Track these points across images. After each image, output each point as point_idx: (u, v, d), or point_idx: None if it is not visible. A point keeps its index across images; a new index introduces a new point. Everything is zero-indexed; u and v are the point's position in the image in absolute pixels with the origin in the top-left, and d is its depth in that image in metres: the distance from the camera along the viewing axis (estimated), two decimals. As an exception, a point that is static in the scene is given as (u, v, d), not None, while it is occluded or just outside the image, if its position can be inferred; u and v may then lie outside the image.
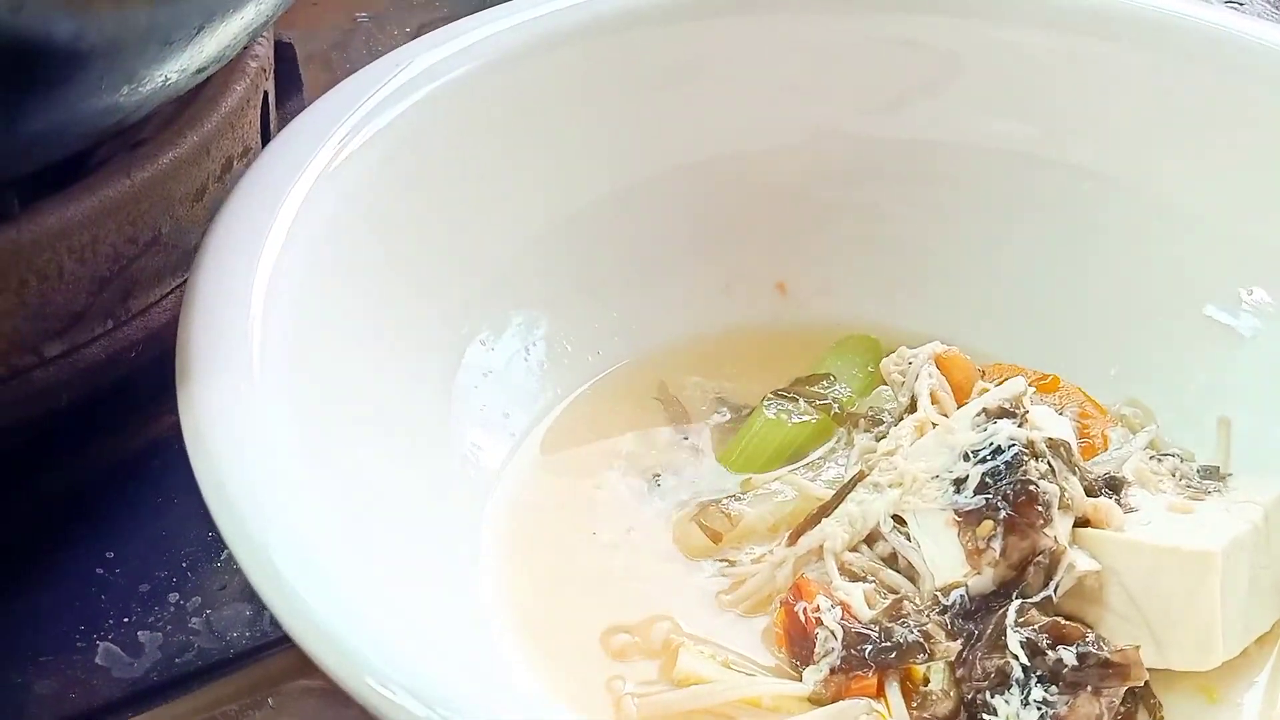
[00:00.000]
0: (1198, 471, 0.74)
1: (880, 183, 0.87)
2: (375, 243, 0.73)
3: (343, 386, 0.67)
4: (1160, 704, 0.66)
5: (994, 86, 0.85)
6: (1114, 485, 0.71)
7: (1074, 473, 0.69)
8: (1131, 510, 0.70)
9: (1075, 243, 0.84)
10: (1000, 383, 0.74)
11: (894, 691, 0.65)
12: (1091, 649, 0.63)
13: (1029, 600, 0.65)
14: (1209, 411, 0.79)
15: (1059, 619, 0.65)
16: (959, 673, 0.64)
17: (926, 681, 0.65)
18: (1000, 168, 0.85)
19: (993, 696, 0.63)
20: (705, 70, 0.84)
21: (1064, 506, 0.67)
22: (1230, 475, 0.74)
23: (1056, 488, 0.67)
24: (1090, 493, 0.69)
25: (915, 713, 0.64)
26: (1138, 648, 0.64)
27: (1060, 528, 0.67)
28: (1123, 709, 0.64)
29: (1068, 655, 0.63)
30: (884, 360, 0.79)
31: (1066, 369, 0.80)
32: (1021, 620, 0.64)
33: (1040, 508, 0.66)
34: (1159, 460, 0.74)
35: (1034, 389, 0.75)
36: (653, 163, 0.84)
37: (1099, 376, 0.81)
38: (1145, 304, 0.83)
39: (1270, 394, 0.78)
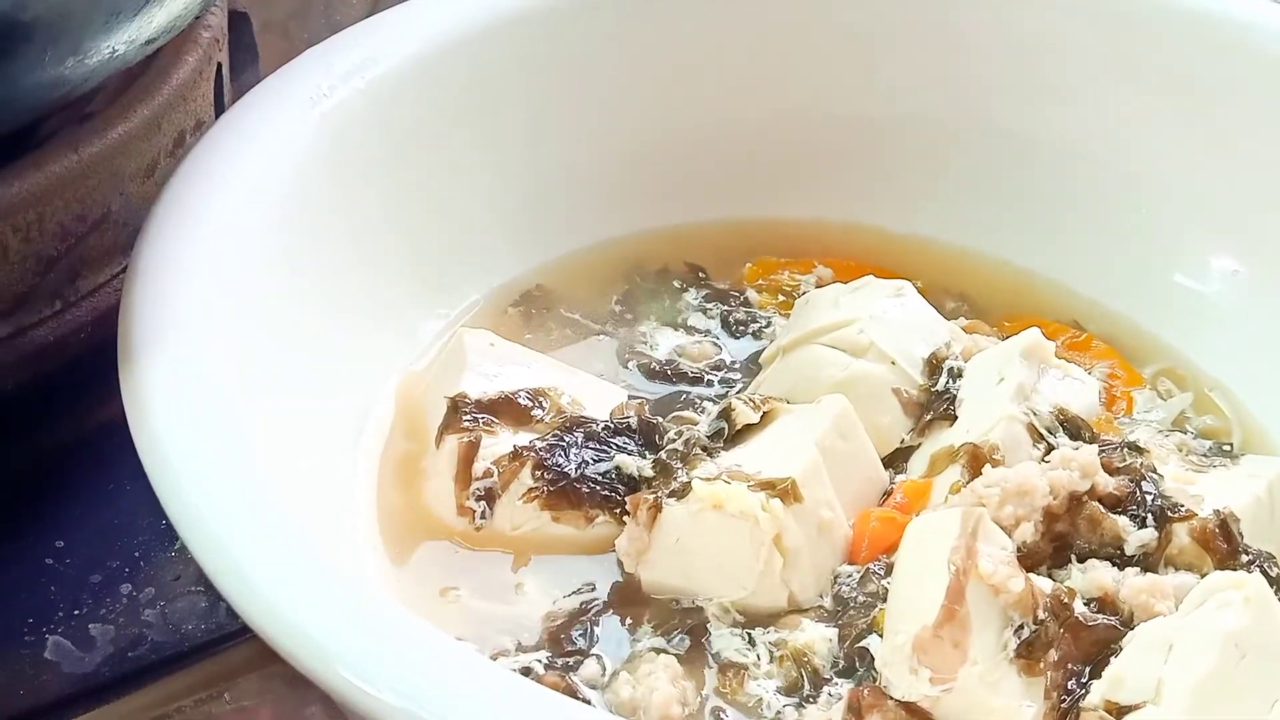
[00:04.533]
0: (1210, 449, 0.74)
1: (848, 163, 0.86)
2: (326, 218, 0.71)
3: (287, 364, 0.65)
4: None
5: (969, 66, 0.85)
6: (1135, 450, 0.70)
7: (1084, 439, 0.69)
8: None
9: (1045, 214, 0.85)
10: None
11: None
12: None
13: None
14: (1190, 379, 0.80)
15: None
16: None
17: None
18: (971, 144, 0.86)
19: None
20: (656, 53, 0.84)
21: None
22: (1242, 455, 0.74)
23: None
24: (1108, 467, 0.67)
25: None
26: None
27: None
28: None
29: None
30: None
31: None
32: None
33: None
34: (1165, 434, 0.75)
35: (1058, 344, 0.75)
36: (606, 145, 0.84)
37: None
38: (1116, 273, 0.84)
39: (1244, 359, 0.79)
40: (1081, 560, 0.64)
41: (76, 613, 0.68)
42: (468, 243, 0.79)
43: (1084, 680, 0.59)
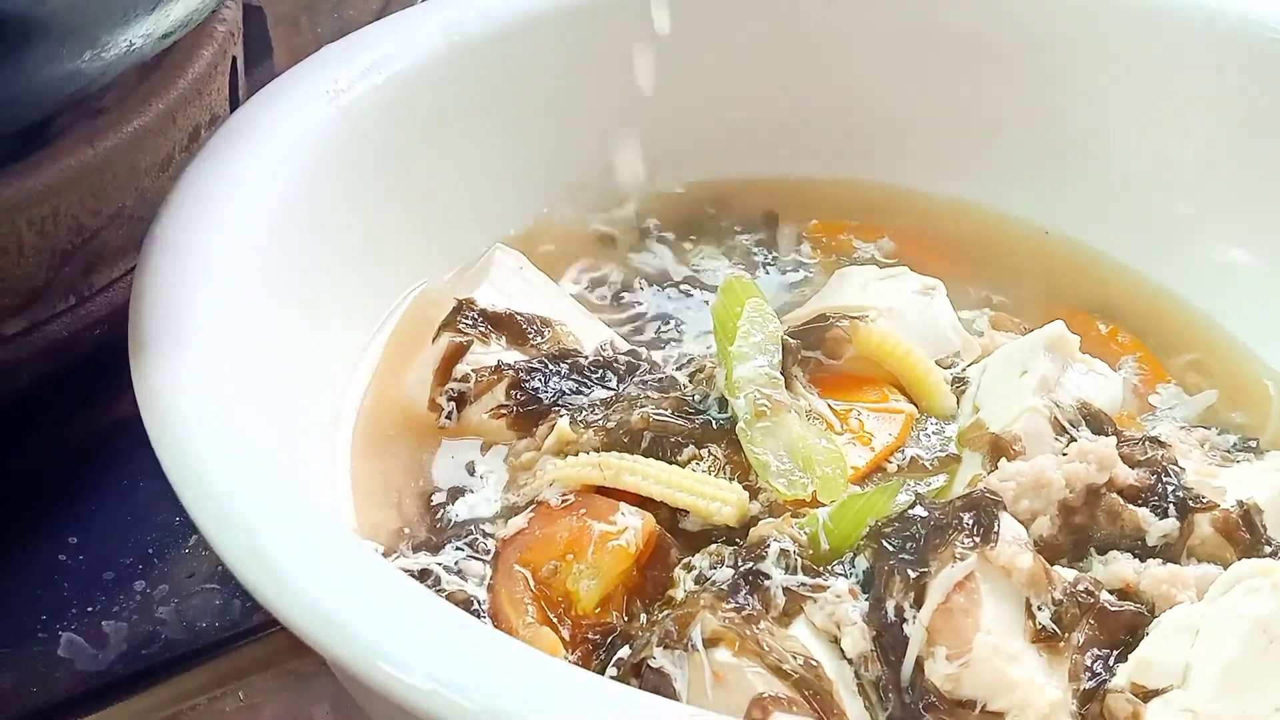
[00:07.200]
0: (1234, 444, 0.73)
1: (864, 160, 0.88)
2: (340, 212, 0.71)
3: (301, 355, 0.65)
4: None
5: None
6: (1156, 444, 0.69)
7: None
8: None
9: (1061, 209, 0.87)
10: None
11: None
12: None
13: None
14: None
15: None
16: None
17: None
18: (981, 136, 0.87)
19: None
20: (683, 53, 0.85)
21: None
22: (1268, 451, 0.73)
23: None
24: (1128, 460, 0.66)
25: None
26: None
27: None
28: None
29: None
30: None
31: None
32: None
33: None
34: (1187, 430, 0.74)
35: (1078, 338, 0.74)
36: (632, 140, 0.85)
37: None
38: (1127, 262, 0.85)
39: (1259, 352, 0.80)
40: (1102, 552, 0.64)
41: (90, 610, 0.68)
42: (487, 239, 0.79)
43: (1110, 664, 0.59)
